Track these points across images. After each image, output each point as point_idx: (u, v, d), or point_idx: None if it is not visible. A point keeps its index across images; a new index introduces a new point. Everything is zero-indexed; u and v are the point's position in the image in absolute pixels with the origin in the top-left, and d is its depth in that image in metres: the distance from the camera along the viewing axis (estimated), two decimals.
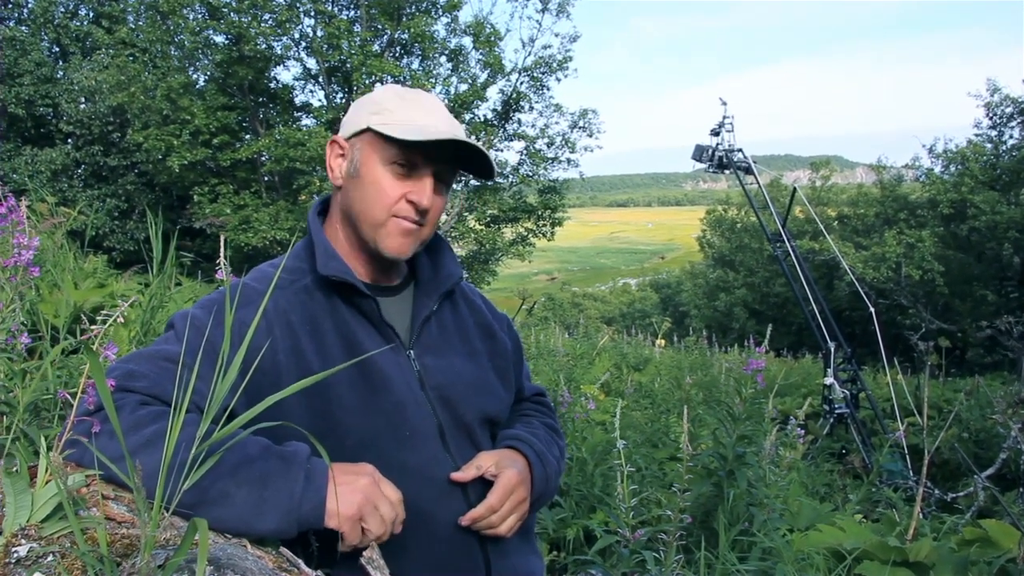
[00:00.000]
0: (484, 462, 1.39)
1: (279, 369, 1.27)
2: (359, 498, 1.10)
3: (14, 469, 0.89)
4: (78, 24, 18.65)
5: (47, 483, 0.86)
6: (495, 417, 1.52)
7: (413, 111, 1.36)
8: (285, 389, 0.93)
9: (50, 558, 0.80)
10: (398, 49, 19.17)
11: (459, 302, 1.58)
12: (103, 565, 0.76)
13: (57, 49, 18.80)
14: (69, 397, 0.93)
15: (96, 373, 0.74)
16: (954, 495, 4.88)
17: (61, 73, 17.69)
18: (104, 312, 0.95)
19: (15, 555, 0.79)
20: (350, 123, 1.42)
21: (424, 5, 18.61)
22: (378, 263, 1.44)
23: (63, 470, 0.78)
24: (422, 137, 1.30)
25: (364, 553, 1.05)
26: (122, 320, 0.92)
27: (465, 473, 1.36)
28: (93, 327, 0.91)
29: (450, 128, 1.35)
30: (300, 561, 1.01)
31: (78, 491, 0.94)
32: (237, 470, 1.07)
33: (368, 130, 1.36)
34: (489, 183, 18.58)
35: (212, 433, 0.88)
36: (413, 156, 1.34)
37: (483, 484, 1.42)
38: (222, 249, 2.14)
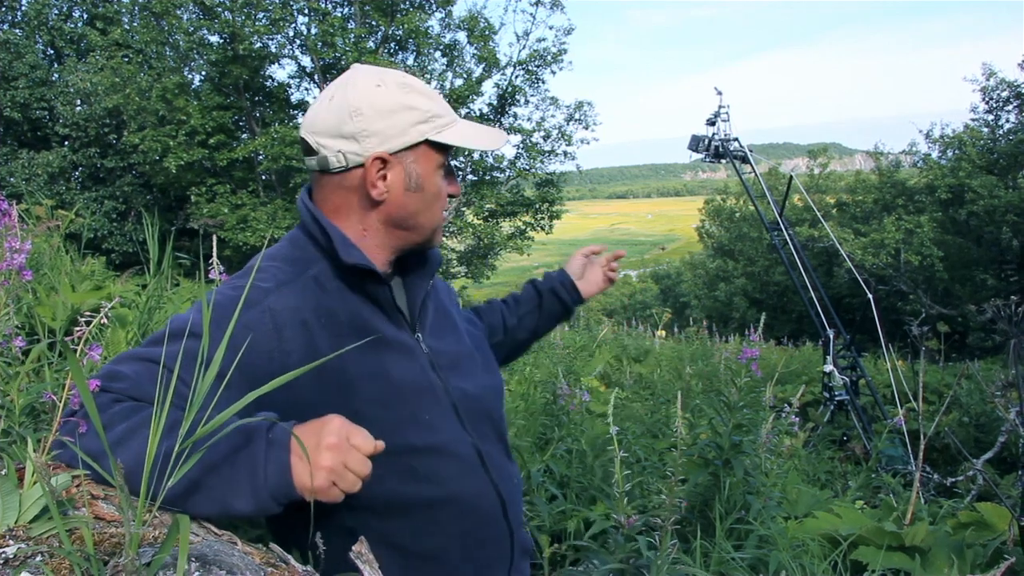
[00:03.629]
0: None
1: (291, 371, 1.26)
2: (324, 467, 1.06)
3: (2, 471, 0.90)
4: (72, 26, 18.63)
5: (34, 484, 0.87)
6: (498, 386, 1.59)
7: (443, 106, 1.40)
8: (272, 382, 0.93)
9: (38, 558, 0.81)
10: (393, 45, 19.14)
11: (437, 285, 1.62)
12: (90, 564, 0.76)
13: (52, 51, 18.79)
14: (55, 399, 0.94)
15: (76, 375, 0.75)
16: (953, 479, 4.89)
17: (56, 76, 17.69)
18: (88, 313, 0.95)
19: (3, 555, 0.80)
20: (393, 134, 1.34)
21: (418, 1, 18.59)
22: (396, 255, 1.45)
23: (47, 470, 0.78)
24: (485, 147, 1.43)
25: (353, 548, 1.06)
26: (105, 321, 0.92)
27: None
28: (77, 329, 0.91)
29: (478, 125, 1.45)
30: (290, 557, 1.01)
31: (67, 491, 0.95)
32: (205, 455, 1.03)
33: (425, 142, 1.36)
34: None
35: (192, 434, 0.88)
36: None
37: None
38: (213, 250, 2.15)
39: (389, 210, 1.38)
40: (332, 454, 1.07)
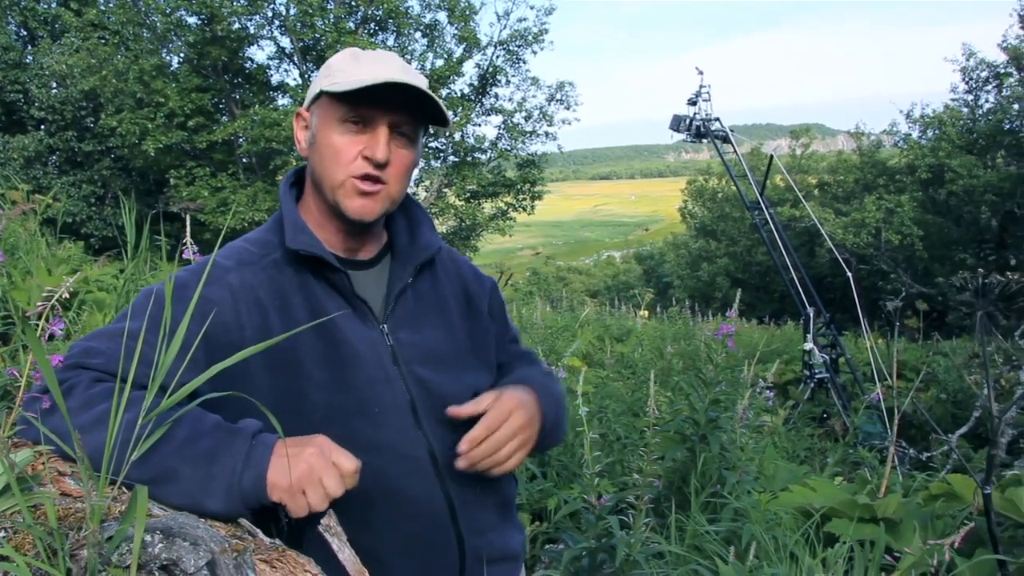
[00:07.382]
0: (485, 399, 1.36)
1: (246, 346, 1.26)
2: (301, 468, 1.07)
3: None
4: (45, 7, 18.34)
5: None
6: (471, 392, 1.47)
7: (365, 67, 1.31)
8: (232, 356, 0.93)
9: (1, 534, 0.81)
10: (372, 25, 18.99)
11: (439, 274, 1.53)
12: (52, 538, 0.77)
13: (25, 33, 18.51)
14: (17, 374, 0.94)
15: (36, 349, 0.74)
16: (929, 454, 4.96)
17: (30, 58, 17.43)
18: (49, 289, 0.95)
19: None
20: (309, 92, 1.39)
21: None
22: (351, 232, 1.40)
23: (7, 446, 0.78)
24: (362, 84, 1.25)
25: (322, 521, 1.06)
26: (67, 295, 0.92)
27: (463, 409, 1.34)
28: (38, 304, 0.91)
29: (397, 75, 1.29)
30: (258, 530, 1.02)
31: (32, 468, 0.95)
32: (185, 446, 1.06)
33: (321, 94, 1.33)
34: (445, 132, 18.42)
35: (158, 406, 0.88)
36: (364, 110, 1.30)
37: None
38: (187, 230, 2.14)
39: (309, 169, 1.40)
40: (312, 461, 1.08)
